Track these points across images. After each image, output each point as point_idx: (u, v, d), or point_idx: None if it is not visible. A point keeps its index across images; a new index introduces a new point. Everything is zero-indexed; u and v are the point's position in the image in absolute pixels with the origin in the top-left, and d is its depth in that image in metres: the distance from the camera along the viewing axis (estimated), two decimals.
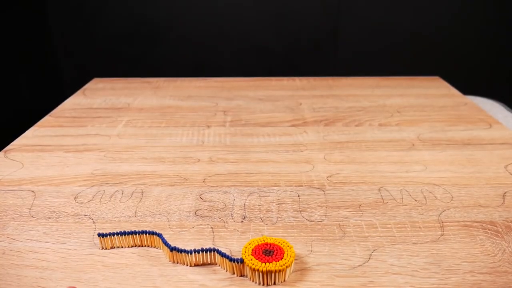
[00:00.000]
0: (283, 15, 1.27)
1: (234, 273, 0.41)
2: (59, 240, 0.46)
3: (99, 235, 0.44)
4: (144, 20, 1.27)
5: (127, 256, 0.43)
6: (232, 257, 0.40)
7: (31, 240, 0.46)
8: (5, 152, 0.66)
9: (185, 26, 1.28)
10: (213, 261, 0.42)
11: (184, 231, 0.47)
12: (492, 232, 0.46)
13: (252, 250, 0.41)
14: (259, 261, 0.40)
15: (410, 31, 1.30)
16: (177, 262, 0.42)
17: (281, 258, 0.40)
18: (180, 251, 0.41)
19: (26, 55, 1.28)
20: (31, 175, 0.59)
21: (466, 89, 0.95)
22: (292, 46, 1.31)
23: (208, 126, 0.75)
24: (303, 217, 0.49)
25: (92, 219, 0.49)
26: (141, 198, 0.53)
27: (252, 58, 1.32)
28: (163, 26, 1.28)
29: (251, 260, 0.40)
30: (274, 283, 0.40)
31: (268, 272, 0.39)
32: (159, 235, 0.44)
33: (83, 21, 1.28)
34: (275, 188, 0.55)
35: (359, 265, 0.42)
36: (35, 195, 0.54)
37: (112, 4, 1.25)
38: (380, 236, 0.46)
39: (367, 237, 0.46)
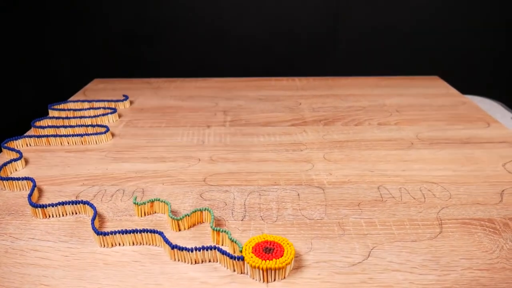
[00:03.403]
0: (282, 15, 1.28)
1: (234, 271, 0.41)
2: (61, 239, 0.46)
3: (100, 233, 0.44)
4: (144, 20, 1.28)
5: (129, 254, 0.44)
6: (233, 254, 0.41)
7: (33, 239, 0.46)
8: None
9: (185, 26, 1.28)
10: (214, 258, 0.42)
11: (185, 229, 0.48)
12: (490, 229, 0.47)
13: (252, 247, 0.41)
14: (260, 258, 0.40)
15: (409, 31, 1.30)
16: (178, 260, 0.43)
17: (281, 256, 0.40)
18: (181, 249, 0.42)
19: (26, 56, 1.29)
20: (33, 175, 0.59)
21: (465, 88, 0.95)
22: (292, 46, 1.32)
23: (209, 126, 0.75)
24: (303, 215, 0.50)
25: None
26: (142, 198, 0.54)
27: (252, 58, 1.33)
28: (163, 27, 1.28)
29: (252, 257, 0.40)
30: (274, 280, 0.40)
31: (269, 269, 0.39)
32: (160, 233, 0.44)
33: (84, 21, 1.28)
34: (275, 187, 0.56)
35: (358, 262, 0.42)
36: (37, 194, 0.54)
37: (113, 4, 1.26)
38: (379, 234, 0.46)
39: (367, 234, 0.46)
